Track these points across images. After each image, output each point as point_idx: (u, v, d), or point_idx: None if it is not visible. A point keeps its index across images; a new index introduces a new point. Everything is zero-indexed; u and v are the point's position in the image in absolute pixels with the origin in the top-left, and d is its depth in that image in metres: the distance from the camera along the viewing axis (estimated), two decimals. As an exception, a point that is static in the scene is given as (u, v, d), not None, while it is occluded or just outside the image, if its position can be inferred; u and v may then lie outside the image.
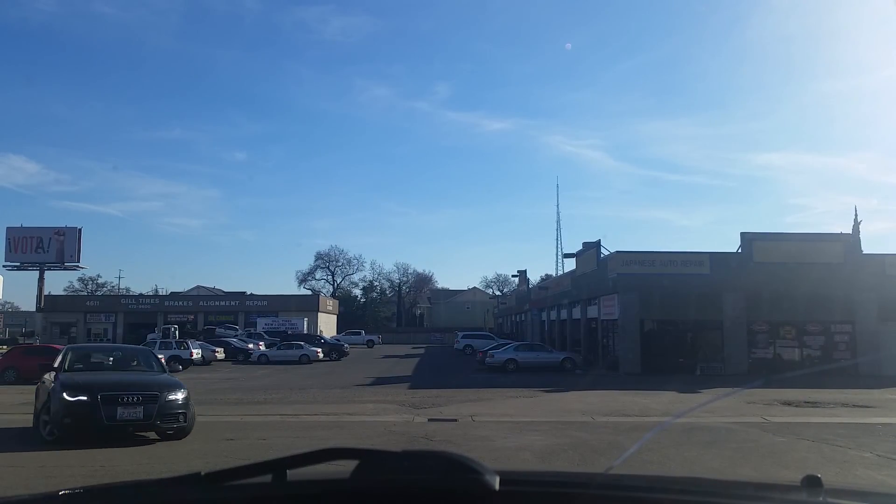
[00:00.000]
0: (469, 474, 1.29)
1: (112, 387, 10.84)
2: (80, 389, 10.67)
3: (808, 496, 1.49)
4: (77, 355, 12.70)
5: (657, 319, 31.39)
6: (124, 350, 14.46)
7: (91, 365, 12.68)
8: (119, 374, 12.28)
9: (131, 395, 10.65)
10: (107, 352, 14.84)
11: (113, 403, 10.49)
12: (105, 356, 13.73)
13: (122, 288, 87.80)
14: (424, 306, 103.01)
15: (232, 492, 1.41)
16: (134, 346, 17.02)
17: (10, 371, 26.47)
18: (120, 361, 13.16)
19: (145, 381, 11.48)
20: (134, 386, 11.03)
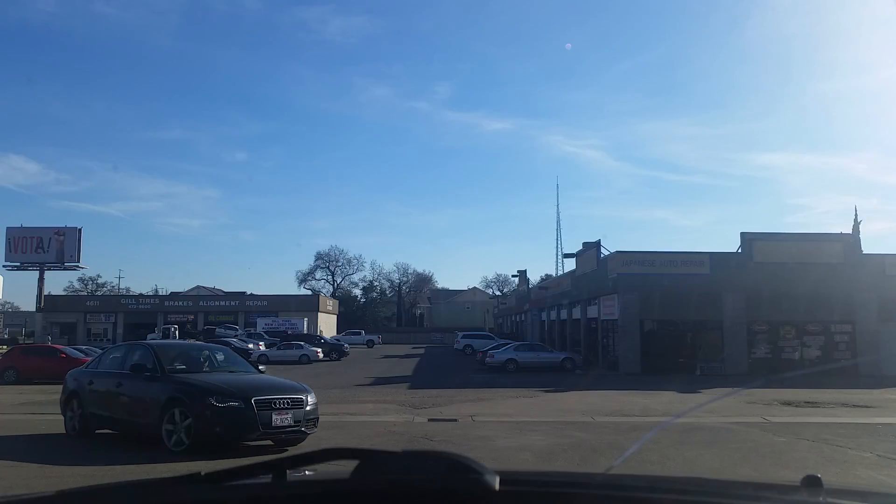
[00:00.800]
0: (469, 474, 1.29)
1: (262, 391, 9.93)
2: (228, 394, 9.62)
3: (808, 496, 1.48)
4: (170, 354, 11.40)
5: (657, 319, 31.38)
6: (210, 349, 12.90)
7: (192, 365, 11.32)
8: (238, 375, 11.03)
9: (282, 400, 9.82)
10: (196, 350, 12.85)
11: (267, 409, 9.59)
12: (197, 355, 12.10)
13: (122, 288, 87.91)
14: (424, 306, 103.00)
15: (232, 492, 1.41)
16: (214, 345, 15.42)
17: (10, 371, 26.48)
18: (212, 361, 11.76)
19: (278, 384, 10.68)
20: (276, 389, 10.16)
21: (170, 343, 13.53)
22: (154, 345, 12.40)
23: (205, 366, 11.43)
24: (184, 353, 12.11)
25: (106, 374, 11.56)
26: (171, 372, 10.58)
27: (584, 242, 40.31)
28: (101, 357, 12.93)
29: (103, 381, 11.30)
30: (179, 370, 10.85)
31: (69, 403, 11.66)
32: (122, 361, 11.46)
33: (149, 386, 10.29)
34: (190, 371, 10.95)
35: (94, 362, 12.74)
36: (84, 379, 11.76)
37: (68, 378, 12.41)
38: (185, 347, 13.68)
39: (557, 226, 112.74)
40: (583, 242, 40.80)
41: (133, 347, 12.50)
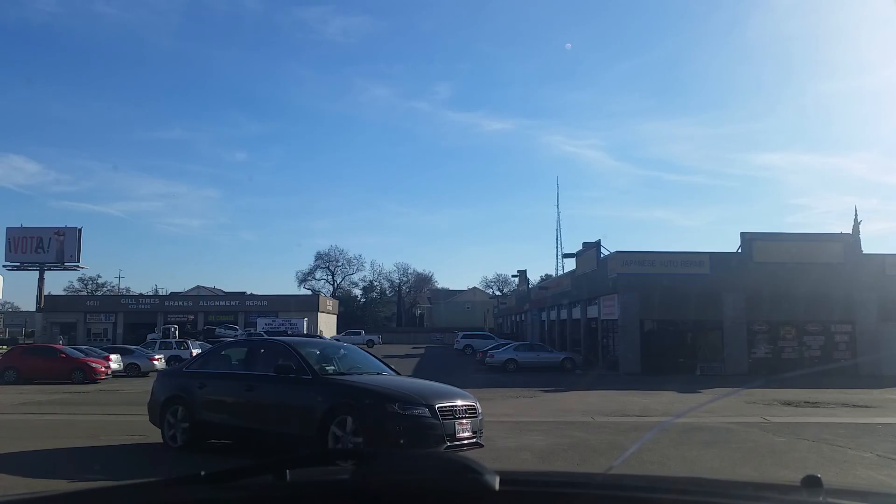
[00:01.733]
0: (469, 474, 1.29)
1: (441, 396, 8.73)
2: (410, 400, 8.36)
3: (808, 496, 1.49)
4: (311, 353, 9.88)
5: (657, 319, 31.39)
6: (339, 346, 11.69)
7: (338, 366, 10.05)
8: (395, 378, 9.95)
9: (463, 408, 8.69)
10: (332, 349, 11.51)
11: (451, 418, 8.43)
12: (334, 353, 10.78)
13: (122, 288, 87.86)
14: (424, 306, 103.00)
15: (232, 492, 1.41)
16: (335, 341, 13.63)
17: (10, 371, 26.50)
18: (348, 360, 10.45)
19: (447, 389, 9.44)
20: (452, 395, 8.97)
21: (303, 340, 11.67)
22: (290, 342, 10.39)
23: (348, 366, 10.05)
24: (322, 351, 10.54)
25: (226, 376, 10.07)
26: (322, 374, 9.23)
27: (584, 242, 40.34)
28: (207, 356, 11.32)
29: (224, 384, 9.85)
30: (330, 372, 9.52)
31: (169, 410, 10.02)
32: (247, 361, 10.04)
33: (300, 391, 8.87)
34: (341, 372, 9.58)
35: (196, 362, 11.05)
36: (191, 382, 10.07)
37: (164, 381, 10.91)
38: (321, 345, 11.93)
39: (557, 226, 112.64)
40: (583, 242, 40.85)
41: (259, 345, 11.03)
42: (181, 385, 10.20)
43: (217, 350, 11.88)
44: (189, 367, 10.90)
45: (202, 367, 10.53)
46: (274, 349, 10.08)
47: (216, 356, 11.18)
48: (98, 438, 11.20)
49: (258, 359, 9.94)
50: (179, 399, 9.98)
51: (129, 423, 13.53)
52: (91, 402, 19.02)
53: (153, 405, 10.45)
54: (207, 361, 10.89)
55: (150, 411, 10.51)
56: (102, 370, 26.71)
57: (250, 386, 9.38)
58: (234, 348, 11.77)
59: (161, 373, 11.53)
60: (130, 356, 31.09)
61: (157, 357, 31.72)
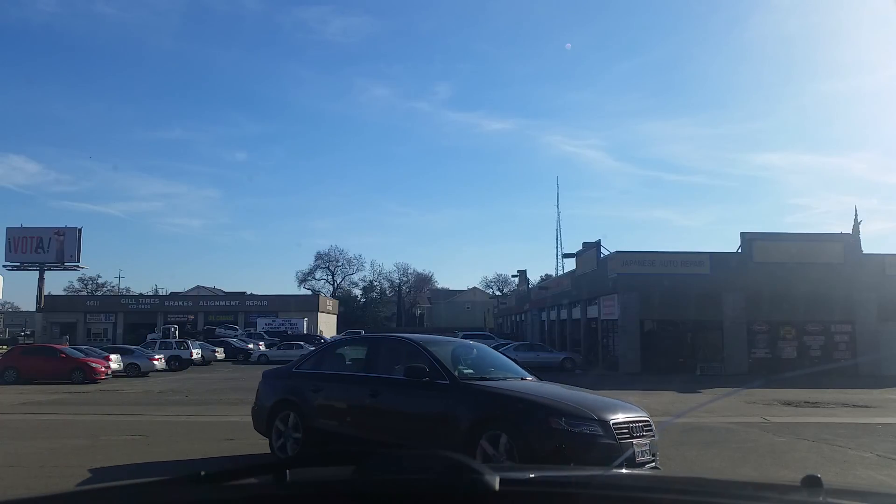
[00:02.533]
0: (469, 474, 1.29)
1: (611, 409, 7.09)
2: (578, 414, 6.74)
3: (808, 496, 1.49)
4: (444, 353, 8.28)
5: (657, 319, 31.40)
6: (478, 348, 9.98)
7: (476, 369, 8.51)
8: (544, 385, 8.25)
9: (639, 425, 7.01)
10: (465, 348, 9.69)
11: (627, 436, 6.75)
12: (466, 353, 9.19)
13: (122, 288, 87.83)
14: (424, 306, 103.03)
15: (232, 492, 1.41)
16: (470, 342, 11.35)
17: (10, 371, 26.50)
18: (483, 362, 8.92)
19: (611, 400, 7.84)
20: (623, 408, 7.29)
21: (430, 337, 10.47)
22: (418, 340, 8.86)
23: (485, 368, 8.56)
24: (455, 350, 8.91)
25: (345, 378, 8.79)
26: (461, 378, 7.76)
27: (584, 242, 40.35)
28: (320, 355, 9.91)
29: (342, 388, 8.58)
30: (468, 376, 8.01)
31: (279, 416, 8.84)
32: (367, 362, 8.80)
33: (436, 398, 7.49)
34: (482, 377, 8.07)
35: (307, 362, 9.68)
36: (303, 384, 8.86)
37: (271, 383, 9.60)
38: (452, 343, 9.83)
39: (557, 226, 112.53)
40: (583, 242, 40.86)
41: (382, 343, 9.59)
42: (292, 388, 8.99)
43: (330, 348, 10.25)
44: (300, 368, 9.46)
45: (315, 368, 9.25)
46: (400, 348, 8.85)
47: (330, 355, 9.77)
48: (98, 438, 11.21)
49: (381, 359, 8.74)
50: (290, 404, 8.80)
51: (129, 423, 13.55)
52: (91, 402, 19.02)
53: (259, 410, 9.28)
54: (321, 361, 9.51)
55: (255, 417, 9.33)
56: (102, 370, 26.71)
57: (375, 391, 8.04)
58: (350, 346, 10.37)
59: (267, 373, 9.97)
60: (130, 356, 31.08)
61: (157, 357, 31.73)
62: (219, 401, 19.02)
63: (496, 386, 7.75)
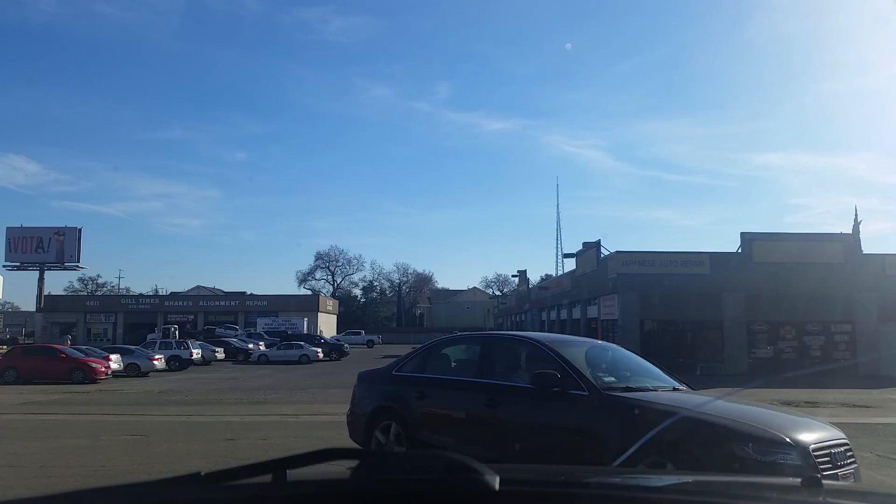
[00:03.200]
0: (469, 474, 1.29)
1: (803, 429, 5.56)
2: (767, 439, 5.23)
3: (808, 496, 1.49)
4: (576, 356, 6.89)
5: (657, 319, 31.40)
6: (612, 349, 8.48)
7: (616, 376, 7.04)
8: (695, 395, 6.93)
9: (842, 450, 5.49)
10: (599, 350, 8.13)
11: (829, 466, 5.22)
12: (601, 356, 7.68)
13: (122, 288, 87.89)
14: (424, 306, 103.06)
15: (232, 492, 1.41)
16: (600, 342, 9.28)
17: (10, 371, 26.50)
18: (621, 366, 7.49)
19: (800, 419, 6.39)
20: (815, 428, 5.73)
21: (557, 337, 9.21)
22: (545, 340, 7.47)
23: (626, 375, 7.12)
24: (588, 353, 7.41)
25: (456, 384, 7.47)
26: (603, 388, 6.29)
27: (584, 242, 40.36)
28: (424, 356, 8.51)
29: (453, 395, 7.33)
30: (611, 385, 6.51)
31: (378, 425, 7.77)
32: (481, 365, 7.43)
33: (573, 412, 6.16)
34: (628, 386, 6.54)
35: (409, 363, 8.41)
36: (406, 390, 7.76)
37: (369, 386, 8.56)
38: (583, 344, 8.13)
39: (557, 226, 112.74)
40: (583, 242, 40.87)
41: (499, 343, 8.21)
42: (393, 393, 7.95)
43: (435, 347, 8.83)
44: (401, 370, 8.29)
45: (419, 371, 8.10)
46: (521, 349, 7.63)
47: (435, 355, 8.47)
48: (98, 438, 11.21)
49: (498, 362, 7.56)
50: (391, 412, 7.77)
51: (129, 423, 13.55)
52: (91, 402, 19.03)
53: (355, 417, 8.32)
54: (425, 362, 8.29)
55: (351, 425, 8.34)
56: (102, 370, 26.72)
57: (493, 400, 6.80)
58: (459, 345, 9.16)
59: (363, 375, 8.97)
60: (130, 356, 31.08)
61: (157, 357, 31.72)
62: (219, 401, 19.02)
63: (650, 399, 6.13)
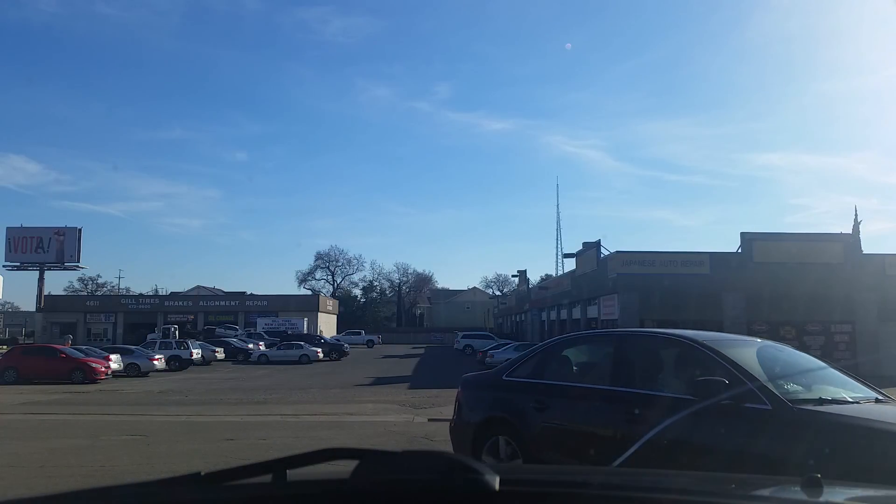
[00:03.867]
0: (469, 474, 1.29)
1: None
2: None
3: (808, 496, 1.48)
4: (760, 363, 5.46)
5: (657, 319, 31.32)
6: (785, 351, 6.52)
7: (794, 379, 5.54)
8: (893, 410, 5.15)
9: None
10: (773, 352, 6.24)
11: None
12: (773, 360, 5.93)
13: (122, 288, 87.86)
14: (424, 306, 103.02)
15: (232, 492, 1.40)
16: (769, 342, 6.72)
17: (10, 371, 26.50)
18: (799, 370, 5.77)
19: None
20: None
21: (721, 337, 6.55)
22: (704, 339, 5.75)
23: (808, 382, 5.52)
24: (763, 355, 5.79)
25: (585, 393, 6.06)
26: (793, 402, 4.78)
27: (584, 242, 40.35)
28: (542, 357, 7.20)
29: (581, 407, 5.96)
30: (798, 396, 4.99)
31: (487, 441, 6.51)
32: (616, 369, 6.07)
33: (750, 431, 4.74)
34: (821, 398, 4.94)
35: (524, 366, 7.04)
36: (521, 398, 6.48)
37: (475, 393, 7.30)
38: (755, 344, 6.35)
39: (557, 226, 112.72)
40: (583, 242, 40.85)
41: (642, 342, 6.69)
42: (505, 402, 6.67)
43: (555, 348, 7.43)
44: (513, 374, 6.98)
45: (536, 376, 6.81)
46: (671, 350, 6.13)
47: (555, 357, 7.15)
48: (98, 438, 11.21)
49: (640, 366, 6.19)
50: (503, 424, 6.50)
51: (129, 423, 13.55)
52: (91, 402, 19.03)
53: (460, 429, 7.07)
54: (542, 365, 7.00)
55: (456, 437, 7.12)
56: (102, 370, 26.72)
57: (634, 414, 5.38)
58: (586, 346, 7.68)
59: (468, 380, 7.53)
60: (130, 356, 31.09)
61: (157, 357, 31.72)
62: (219, 401, 19.02)
63: (859, 415, 4.65)
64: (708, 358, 5.39)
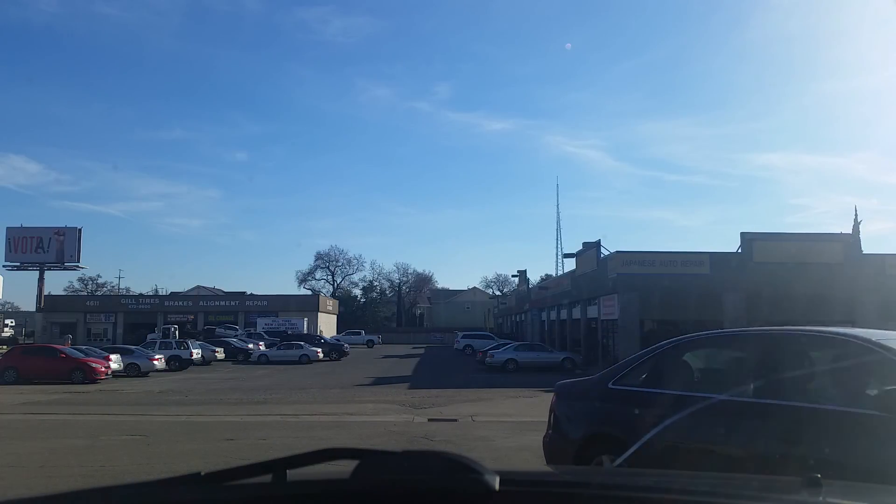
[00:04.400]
0: (469, 474, 1.29)
1: None
2: None
3: (808, 496, 1.48)
4: None
5: (657, 319, 31.38)
6: None
7: None
8: None
9: None
10: None
11: None
12: None
13: (122, 288, 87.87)
14: (424, 306, 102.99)
15: (232, 492, 1.40)
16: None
17: (10, 371, 26.50)
18: None
19: None
20: None
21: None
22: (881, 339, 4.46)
23: None
24: None
25: (724, 407, 4.80)
26: None
27: (584, 242, 40.32)
28: (657, 360, 5.89)
29: (721, 423, 4.75)
30: None
31: (592, 458, 5.49)
32: (764, 376, 4.85)
33: None
34: None
35: (633, 371, 5.94)
36: (634, 412, 5.35)
37: (574, 404, 6.23)
38: None
39: (557, 226, 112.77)
40: (583, 242, 40.83)
41: (785, 343, 5.29)
42: (613, 416, 5.61)
43: (674, 350, 5.89)
44: (621, 382, 5.83)
45: (651, 384, 5.68)
46: (839, 353, 4.82)
47: (675, 362, 5.76)
48: (98, 438, 11.21)
49: (796, 373, 4.98)
50: (612, 442, 5.35)
51: (129, 423, 13.55)
52: (91, 402, 19.03)
53: (558, 446, 6.02)
54: (659, 371, 5.79)
55: (551, 454, 6.09)
56: (102, 370, 26.71)
57: (796, 433, 4.34)
58: (715, 348, 6.35)
59: (563, 388, 6.48)
60: (130, 356, 31.06)
61: (157, 357, 31.71)
62: (219, 401, 19.02)
63: None
64: (890, 362, 4.25)
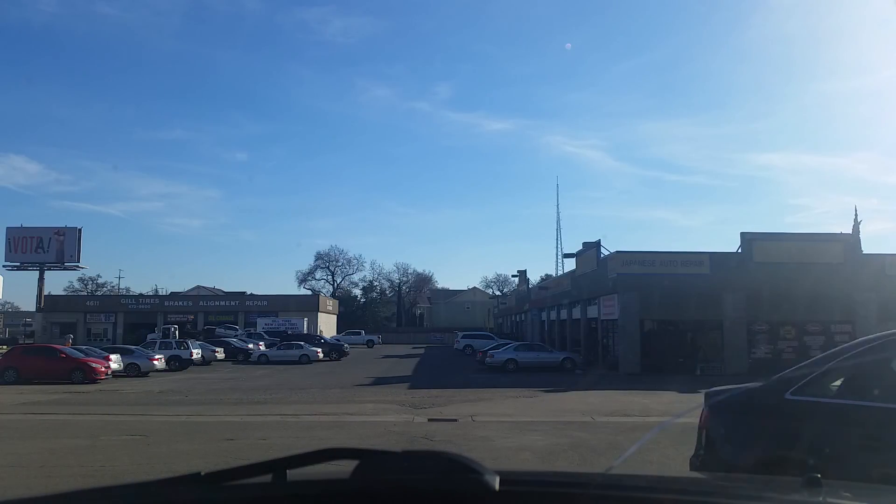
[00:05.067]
0: (469, 474, 1.29)
1: None
2: None
3: (808, 496, 1.49)
4: None
5: (657, 319, 31.39)
6: None
7: None
8: None
9: None
10: None
11: None
12: None
13: (122, 288, 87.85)
14: (424, 306, 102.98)
15: (232, 492, 1.41)
16: None
17: (10, 371, 26.49)
18: None
19: None
20: None
21: None
22: None
23: None
24: None
25: None
26: None
27: (584, 242, 40.30)
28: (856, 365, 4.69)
29: None
30: None
31: None
32: None
33: None
34: None
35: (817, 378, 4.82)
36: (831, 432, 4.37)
37: (735, 420, 5.29)
38: None
39: (557, 226, 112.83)
40: (583, 242, 40.81)
41: None
42: (799, 436, 4.50)
43: (876, 352, 4.65)
44: (804, 392, 4.71)
45: (851, 394, 4.70)
46: None
47: (879, 367, 4.69)
48: (98, 438, 11.21)
49: None
50: (793, 467, 4.21)
51: (129, 423, 13.55)
52: (91, 402, 19.03)
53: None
54: (861, 378, 4.78)
55: None
56: (102, 370, 26.70)
57: None
58: None
59: (723, 401, 5.43)
60: (130, 356, 31.05)
61: (157, 357, 31.70)
62: (219, 401, 19.02)
63: None
64: None
